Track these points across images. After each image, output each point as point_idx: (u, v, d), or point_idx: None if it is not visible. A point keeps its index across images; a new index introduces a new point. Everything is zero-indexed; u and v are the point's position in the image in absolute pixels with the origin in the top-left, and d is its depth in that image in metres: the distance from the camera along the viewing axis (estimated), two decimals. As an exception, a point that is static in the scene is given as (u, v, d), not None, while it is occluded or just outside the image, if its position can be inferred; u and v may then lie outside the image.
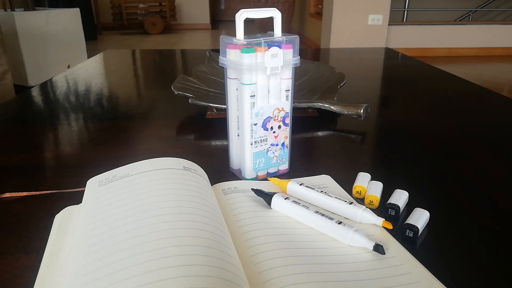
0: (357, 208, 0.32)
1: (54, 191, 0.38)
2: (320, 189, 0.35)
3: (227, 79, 0.38)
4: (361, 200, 0.37)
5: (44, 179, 0.41)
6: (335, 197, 0.33)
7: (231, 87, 0.38)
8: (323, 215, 0.31)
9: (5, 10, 2.61)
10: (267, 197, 0.34)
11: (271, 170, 0.41)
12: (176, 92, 0.58)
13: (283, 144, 0.40)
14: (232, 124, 0.40)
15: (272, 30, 0.37)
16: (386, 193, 0.37)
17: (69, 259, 0.26)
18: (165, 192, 0.30)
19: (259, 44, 0.35)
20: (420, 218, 0.32)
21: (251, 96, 0.36)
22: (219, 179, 0.39)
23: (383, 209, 0.35)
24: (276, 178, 0.38)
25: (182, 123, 0.58)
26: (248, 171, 0.39)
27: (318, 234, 0.31)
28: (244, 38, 0.35)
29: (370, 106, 0.65)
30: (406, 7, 4.44)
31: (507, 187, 0.39)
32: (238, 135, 0.40)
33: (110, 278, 0.23)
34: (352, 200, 0.35)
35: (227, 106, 0.40)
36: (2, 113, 0.62)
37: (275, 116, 0.38)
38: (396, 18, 4.22)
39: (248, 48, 0.35)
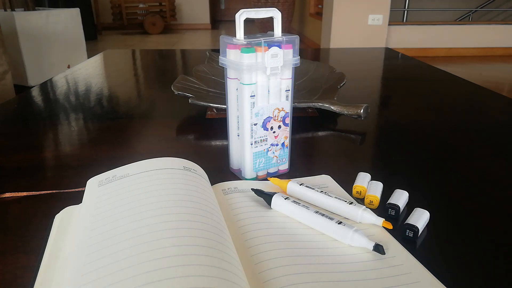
0: (357, 208, 0.32)
1: (54, 191, 0.38)
2: (320, 189, 0.35)
3: (227, 79, 0.38)
4: (361, 200, 0.37)
5: (44, 179, 0.41)
6: (335, 197, 0.33)
7: (231, 87, 0.38)
8: (323, 215, 0.31)
9: (5, 10, 2.61)
10: (267, 197, 0.34)
11: (271, 170, 0.41)
12: (176, 92, 0.58)
13: (283, 144, 0.40)
14: (232, 124, 0.40)
15: (272, 30, 0.37)
16: (386, 193, 0.37)
17: (69, 259, 0.26)
18: (165, 192, 0.30)
19: (259, 44, 0.35)
20: (420, 218, 0.32)
21: (251, 96, 0.36)
22: (219, 179, 0.39)
23: (383, 209, 0.35)
24: (276, 178, 0.38)
25: (182, 123, 0.58)
26: (248, 171, 0.39)
27: (318, 234, 0.31)
28: (244, 38, 0.35)
29: (370, 106, 0.65)
30: (406, 7, 4.44)
31: (507, 187, 0.39)
32: (238, 135, 0.40)
33: (110, 278, 0.23)
34: (352, 200, 0.35)
35: (227, 106, 0.40)
36: (2, 113, 0.62)
37: (275, 116, 0.38)
38: (396, 18, 4.22)
39: (248, 48, 0.35)
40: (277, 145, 0.40)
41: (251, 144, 0.38)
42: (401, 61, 1.04)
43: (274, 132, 0.39)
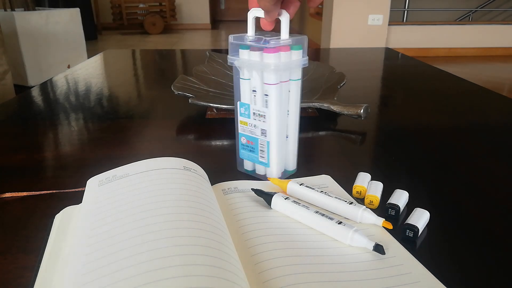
0: (357, 208, 0.32)
1: (54, 191, 0.38)
2: (320, 189, 0.35)
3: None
4: (361, 200, 0.37)
5: (44, 179, 0.41)
6: (335, 197, 0.33)
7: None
8: (323, 215, 0.31)
9: (5, 10, 2.61)
10: (267, 197, 0.34)
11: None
12: (176, 92, 0.58)
13: None
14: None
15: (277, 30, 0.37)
16: (386, 193, 0.37)
17: (69, 259, 0.26)
18: (165, 192, 0.30)
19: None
20: (420, 218, 0.32)
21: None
22: (219, 179, 0.39)
23: (383, 209, 0.35)
24: (276, 178, 0.38)
25: (182, 123, 0.58)
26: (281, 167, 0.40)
27: (318, 234, 0.31)
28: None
29: (370, 106, 0.65)
30: (406, 7, 4.44)
31: (508, 187, 0.39)
32: (287, 137, 0.40)
33: (110, 278, 0.23)
34: (352, 200, 0.35)
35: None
36: (2, 113, 0.62)
37: None
38: (396, 18, 4.22)
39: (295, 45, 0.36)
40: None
41: (286, 136, 0.40)
42: (401, 61, 1.04)
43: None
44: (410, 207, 0.35)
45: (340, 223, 0.30)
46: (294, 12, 0.35)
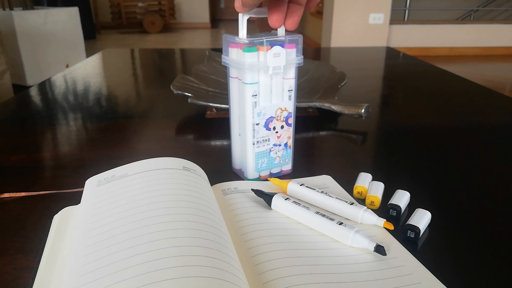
0: (358, 208, 0.32)
1: (52, 191, 0.38)
2: (320, 190, 0.35)
3: (230, 78, 0.38)
4: (362, 201, 0.36)
5: (43, 179, 0.41)
6: (336, 198, 0.33)
7: (233, 86, 0.38)
8: (323, 215, 0.31)
9: (4, 9, 2.61)
10: (267, 197, 0.34)
11: (274, 171, 0.41)
12: (175, 92, 0.58)
13: (285, 144, 0.40)
14: (234, 124, 0.39)
15: (275, 30, 0.37)
16: (388, 194, 0.37)
17: (68, 259, 0.26)
18: (164, 192, 0.30)
19: (261, 43, 0.35)
20: (421, 218, 0.32)
21: (253, 95, 0.36)
22: (219, 179, 0.39)
23: (384, 209, 0.35)
24: (276, 178, 0.37)
25: (182, 123, 0.57)
26: (251, 171, 0.39)
27: (319, 235, 0.31)
28: (247, 37, 0.35)
29: (371, 105, 0.64)
30: (407, 6, 4.43)
31: (509, 187, 0.39)
32: (240, 135, 0.39)
33: (109, 278, 0.22)
34: (353, 200, 0.35)
35: (230, 106, 0.39)
36: (0, 113, 0.62)
37: (277, 116, 0.38)
38: (397, 17, 4.22)
39: (250, 47, 0.34)
40: (279, 145, 0.39)
41: (253, 144, 0.38)
42: (402, 60, 1.04)
43: (276, 132, 0.39)
44: (411, 208, 0.35)
45: (341, 223, 0.30)
46: (298, 21, 0.34)
